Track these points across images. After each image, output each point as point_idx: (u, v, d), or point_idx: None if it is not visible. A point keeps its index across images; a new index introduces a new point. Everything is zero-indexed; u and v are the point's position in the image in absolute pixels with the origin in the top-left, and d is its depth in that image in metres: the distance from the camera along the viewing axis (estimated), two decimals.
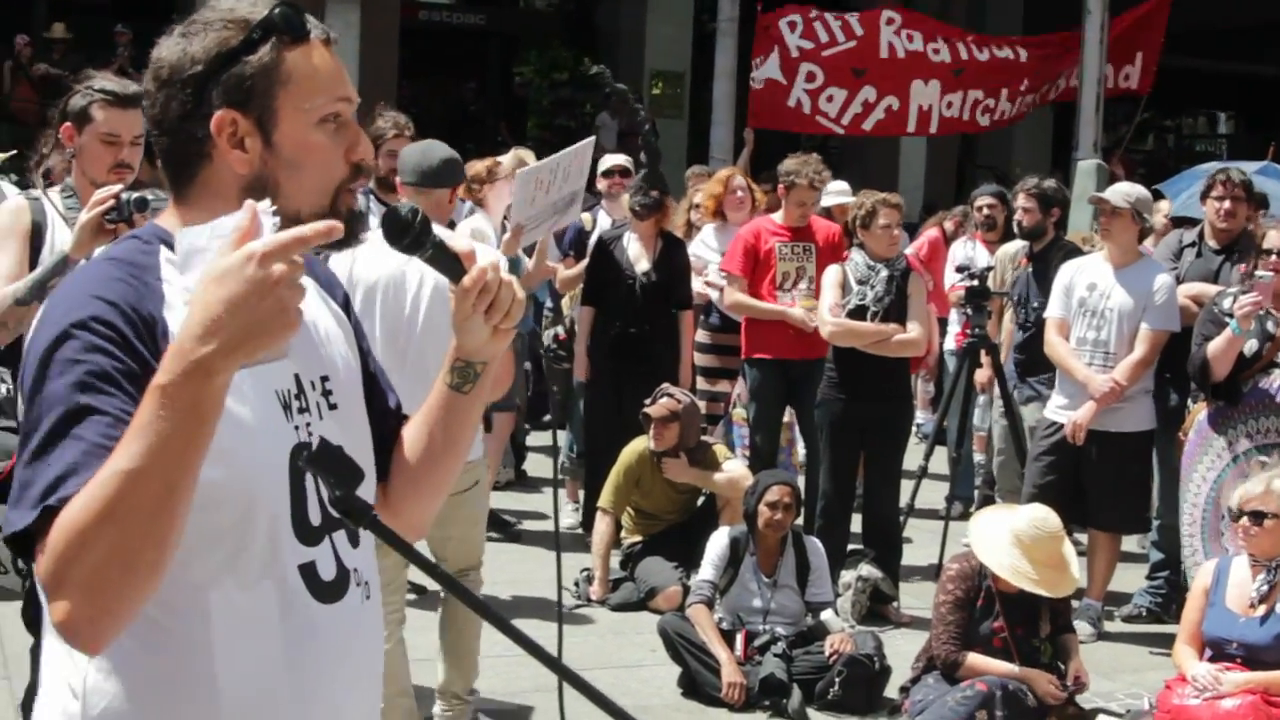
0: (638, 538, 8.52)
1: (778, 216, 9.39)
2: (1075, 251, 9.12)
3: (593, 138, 9.28)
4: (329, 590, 2.35)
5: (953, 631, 6.58)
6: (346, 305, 2.61)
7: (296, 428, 2.31)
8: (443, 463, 2.62)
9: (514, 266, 9.17)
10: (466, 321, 2.44)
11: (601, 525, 8.42)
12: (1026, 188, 9.20)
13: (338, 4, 18.23)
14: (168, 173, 2.35)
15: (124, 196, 4.72)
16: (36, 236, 4.91)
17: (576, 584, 8.30)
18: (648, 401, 8.37)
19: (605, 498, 8.45)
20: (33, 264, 4.85)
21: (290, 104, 2.28)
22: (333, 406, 2.41)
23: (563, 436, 10.58)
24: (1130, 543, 9.03)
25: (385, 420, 2.60)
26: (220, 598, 2.22)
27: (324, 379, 2.40)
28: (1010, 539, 6.49)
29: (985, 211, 10.54)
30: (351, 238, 2.34)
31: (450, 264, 2.42)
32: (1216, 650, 6.40)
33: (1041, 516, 6.59)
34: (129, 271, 2.21)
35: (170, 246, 2.22)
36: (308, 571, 2.32)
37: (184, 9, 20.92)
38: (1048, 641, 6.67)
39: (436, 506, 2.69)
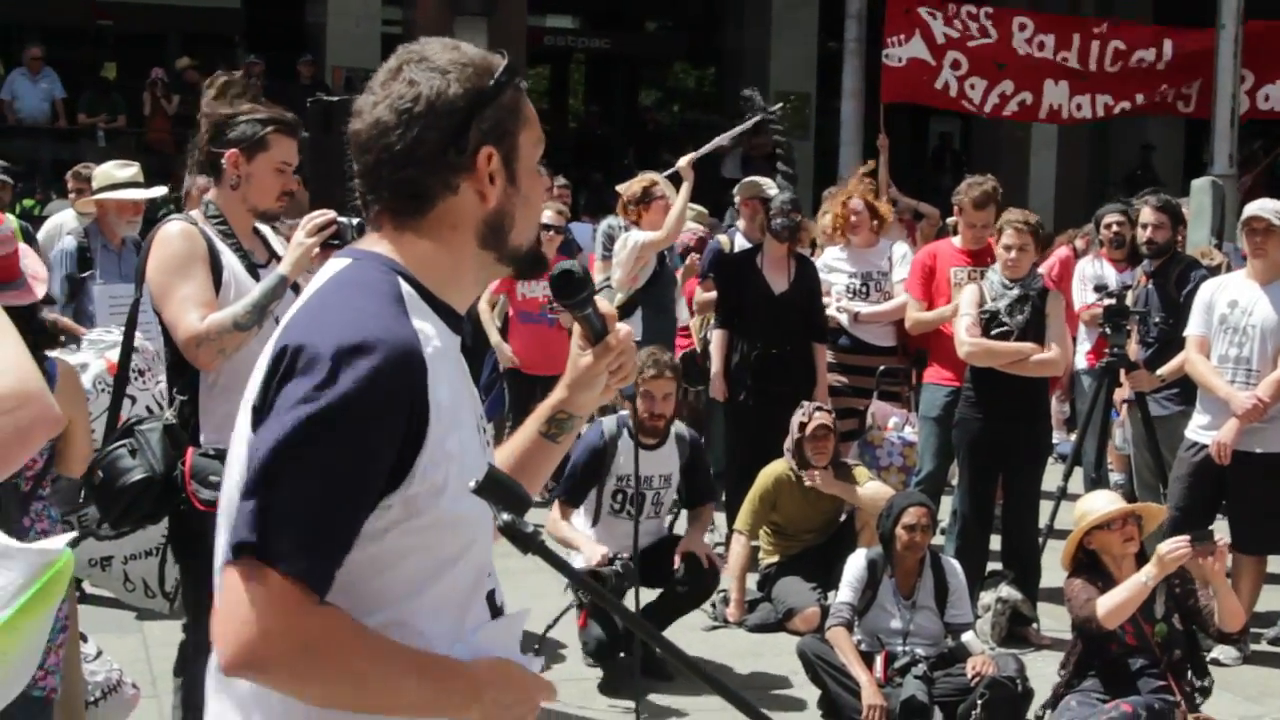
0: (775, 558, 8.52)
1: (958, 240, 9.36)
2: (1194, 265, 8.99)
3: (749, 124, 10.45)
4: (499, 614, 2.44)
5: (1088, 594, 6.45)
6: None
7: (489, 462, 2.41)
8: None
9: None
10: (595, 378, 2.64)
11: (737, 547, 8.43)
12: (1155, 204, 9.07)
13: (464, 29, 18.45)
14: (395, 204, 2.38)
15: (344, 221, 4.84)
16: (214, 260, 4.91)
17: (713, 605, 8.29)
18: (802, 417, 8.36)
19: (741, 519, 8.45)
20: (216, 288, 4.88)
21: (527, 143, 2.43)
22: (488, 441, 2.52)
23: None
24: (1276, 563, 8.86)
25: None
26: (433, 621, 2.31)
27: (479, 415, 2.49)
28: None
29: (1114, 229, 10.36)
30: (542, 270, 2.60)
31: (598, 323, 2.61)
32: None
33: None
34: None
35: (406, 278, 2.34)
36: (491, 599, 2.42)
37: (314, 41, 21.34)
38: (1164, 622, 6.52)
39: None
